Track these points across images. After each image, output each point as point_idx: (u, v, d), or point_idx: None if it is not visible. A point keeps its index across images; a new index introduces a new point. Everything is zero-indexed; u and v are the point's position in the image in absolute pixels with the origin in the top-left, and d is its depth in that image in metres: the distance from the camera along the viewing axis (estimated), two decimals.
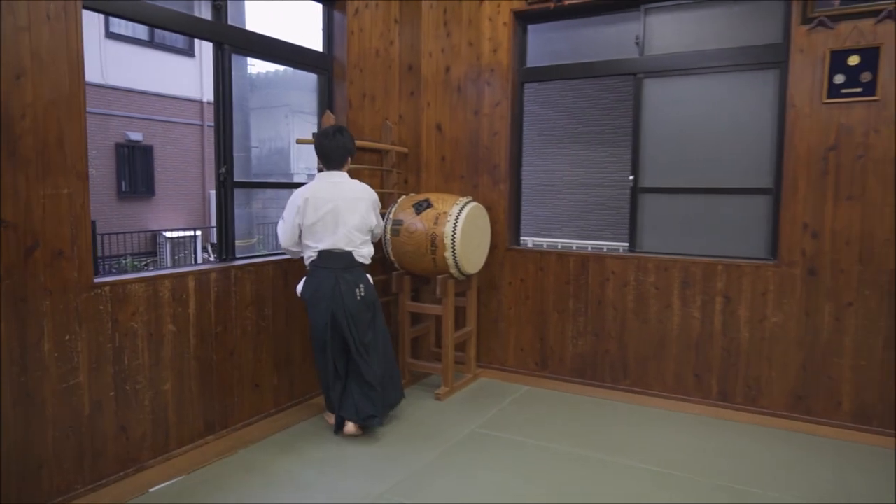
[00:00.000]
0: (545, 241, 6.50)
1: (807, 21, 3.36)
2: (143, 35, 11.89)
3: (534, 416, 3.68)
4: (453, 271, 3.89)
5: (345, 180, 3.32)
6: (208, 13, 3.32)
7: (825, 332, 3.46)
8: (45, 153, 2.43)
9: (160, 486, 2.77)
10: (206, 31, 3.26)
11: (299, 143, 3.68)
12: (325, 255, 3.23)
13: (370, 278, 3.40)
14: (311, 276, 3.29)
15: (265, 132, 12.99)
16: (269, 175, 12.98)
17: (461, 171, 4.52)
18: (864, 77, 3.24)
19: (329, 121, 3.80)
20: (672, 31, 3.91)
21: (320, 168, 3.41)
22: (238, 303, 3.32)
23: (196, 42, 12.49)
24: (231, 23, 3.37)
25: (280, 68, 13.19)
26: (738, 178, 3.77)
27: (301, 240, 3.29)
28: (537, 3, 4.11)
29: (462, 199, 3.94)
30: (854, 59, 3.26)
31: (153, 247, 12.00)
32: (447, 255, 3.79)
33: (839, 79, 3.29)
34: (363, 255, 3.33)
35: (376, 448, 3.22)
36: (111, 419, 2.72)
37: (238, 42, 3.41)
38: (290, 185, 3.64)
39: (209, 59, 3.08)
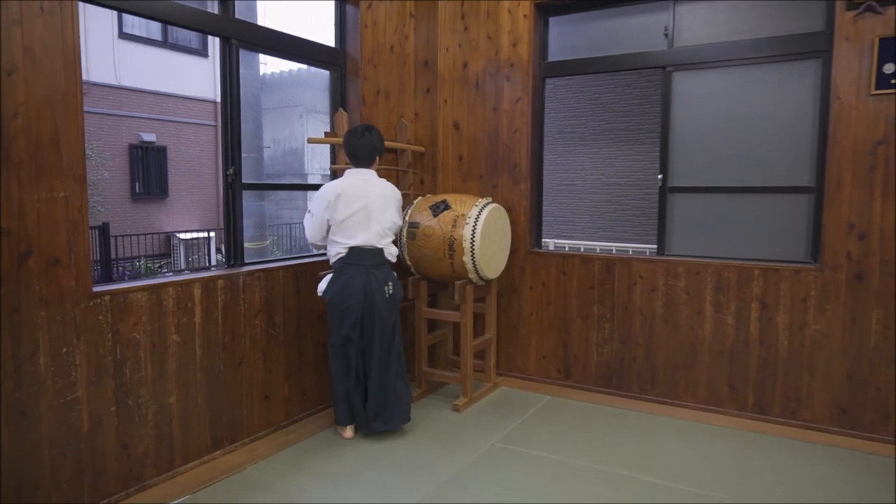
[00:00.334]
0: (567, 244, 6.29)
1: (853, 7, 3.12)
2: (156, 35, 11.83)
3: (557, 429, 3.48)
4: (472, 276, 3.70)
5: (374, 178, 3.29)
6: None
7: (872, 341, 3.23)
8: (39, 155, 2.28)
9: None
10: (212, 25, 3.10)
11: (311, 142, 3.52)
12: (356, 251, 3.17)
13: (396, 276, 3.38)
14: (338, 274, 3.20)
15: (279, 132, 12.91)
16: (282, 176, 12.89)
17: (479, 171, 4.32)
18: None
19: (341, 119, 3.63)
20: (703, 21, 3.69)
21: (327, 169, 3.25)
22: (247, 310, 3.17)
23: (210, 42, 12.42)
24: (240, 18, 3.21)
25: (294, 68, 13.09)
26: (776, 175, 3.55)
27: (329, 235, 3.23)
28: None
29: (481, 201, 3.75)
30: None
31: (167, 248, 11.95)
32: (466, 259, 3.61)
33: (889, 68, 3.05)
34: (392, 254, 3.31)
35: (391, 465, 3.05)
36: (112, 435, 2.57)
37: (246, 37, 3.25)
38: (302, 186, 3.49)
39: None
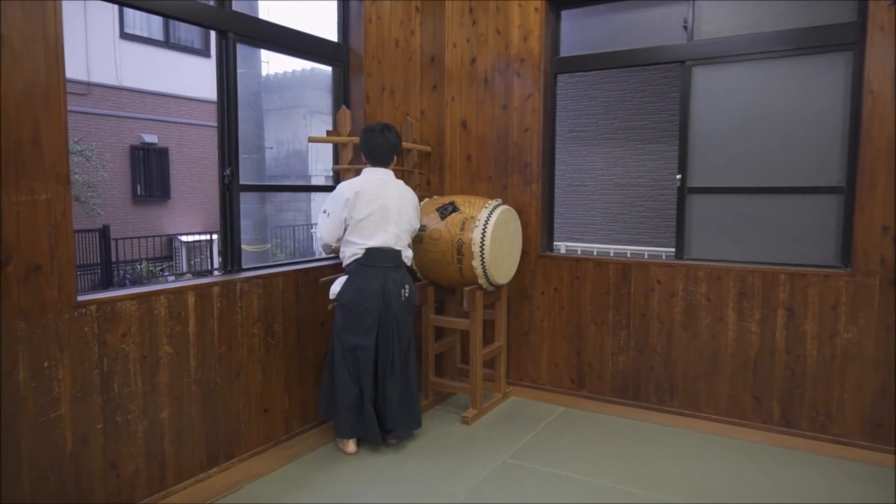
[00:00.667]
0: (579, 247, 6.08)
1: None
2: (158, 36, 11.70)
3: (572, 444, 3.30)
4: (482, 282, 3.52)
5: (391, 178, 3.19)
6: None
7: None
8: (18, 154, 2.12)
9: None
10: (208, 17, 2.94)
11: (311, 141, 3.35)
12: (373, 252, 3.03)
13: (412, 279, 3.28)
14: (354, 276, 3.05)
15: (283, 133, 12.76)
16: (285, 177, 12.74)
17: (488, 172, 4.15)
18: None
19: (344, 117, 3.46)
20: (725, 13, 3.50)
21: (331, 166, 3.08)
22: (244, 319, 2.99)
23: (212, 42, 12.28)
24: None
25: (297, 68, 12.95)
26: (802, 175, 3.36)
27: (344, 235, 3.09)
28: None
29: (491, 202, 3.57)
30: None
31: (169, 251, 11.80)
32: (475, 263, 3.43)
33: None
34: (408, 257, 3.21)
35: (398, 483, 2.87)
36: (99, 455, 2.40)
37: (243, 30, 3.08)
38: (303, 188, 3.32)
39: None
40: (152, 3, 2.67)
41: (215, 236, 12.05)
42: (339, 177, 3.54)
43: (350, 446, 3.14)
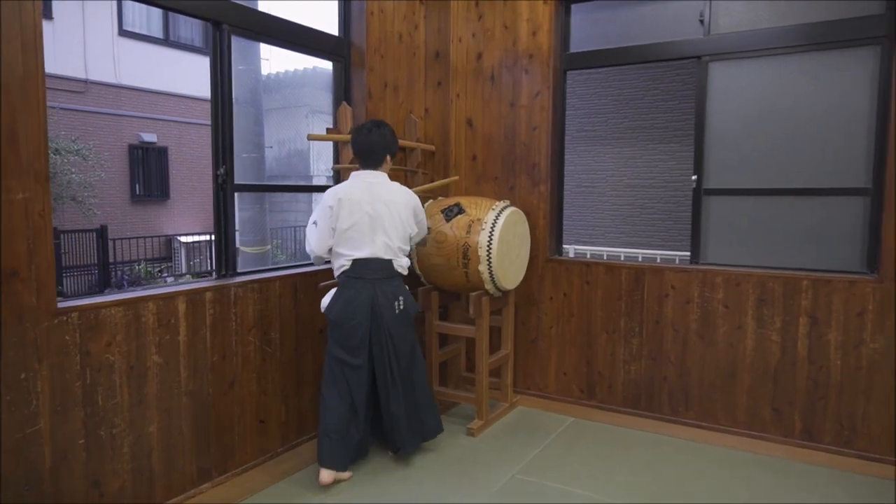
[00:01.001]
0: (588, 250, 5.92)
1: None
2: (157, 33, 11.56)
3: (584, 458, 3.14)
4: (489, 287, 3.36)
5: (382, 181, 2.92)
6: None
7: None
8: None
9: None
10: (201, 7, 2.78)
11: (311, 139, 3.19)
12: (360, 263, 2.81)
13: (409, 290, 3.04)
14: (342, 289, 2.84)
15: (284, 133, 12.61)
16: (286, 177, 12.59)
17: (495, 172, 3.99)
18: None
19: (345, 114, 3.30)
20: (743, 6, 3.34)
21: (334, 168, 2.92)
22: (239, 326, 2.84)
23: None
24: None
25: (298, 67, 12.80)
26: (826, 176, 3.19)
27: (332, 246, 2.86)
28: None
29: (498, 204, 3.41)
30: None
31: (168, 252, 11.66)
32: (482, 268, 3.27)
33: None
34: (402, 265, 2.95)
35: (401, 499, 2.71)
36: (80, 472, 2.25)
37: (239, 21, 2.93)
38: (303, 188, 3.16)
39: None
40: None
41: (213, 236, 11.91)
42: (339, 176, 3.39)
43: (324, 475, 2.75)
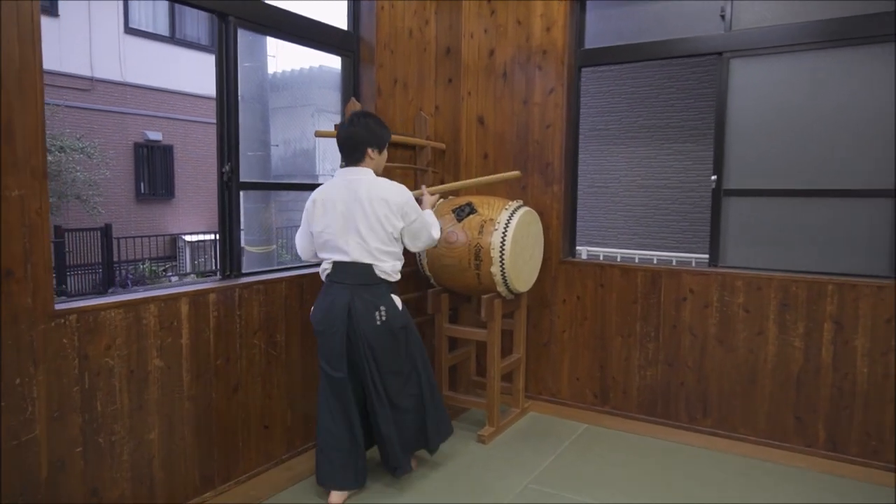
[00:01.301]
0: (601, 251, 5.81)
1: None
2: (163, 31, 11.49)
3: (599, 467, 3.03)
4: (501, 289, 3.26)
5: (363, 177, 2.62)
6: None
7: None
8: None
9: None
10: None
11: (318, 136, 3.09)
12: (339, 267, 2.61)
13: (397, 299, 2.71)
14: (323, 293, 2.67)
15: (290, 132, 12.52)
16: (292, 177, 12.50)
17: (507, 171, 3.88)
18: None
19: (354, 110, 3.20)
20: (767, 1, 3.23)
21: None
22: (243, 328, 2.74)
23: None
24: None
25: (304, 66, 12.71)
26: (853, 177, 3.08)
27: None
28: None
29: (511, 204, 3.31)
30: None
31: (173, 251, 11.60)
32: (494, 270, 3.17)
33: None
34: (385, 271, 2.63)
35: None
36: (78, 481, 2.16)
37: (245, 14, 2.83)
38: (308, 186, 3.07)
39: None
40: None
41: (218, 236, 11.85)
42: None
43: (332, 497, 2.64)
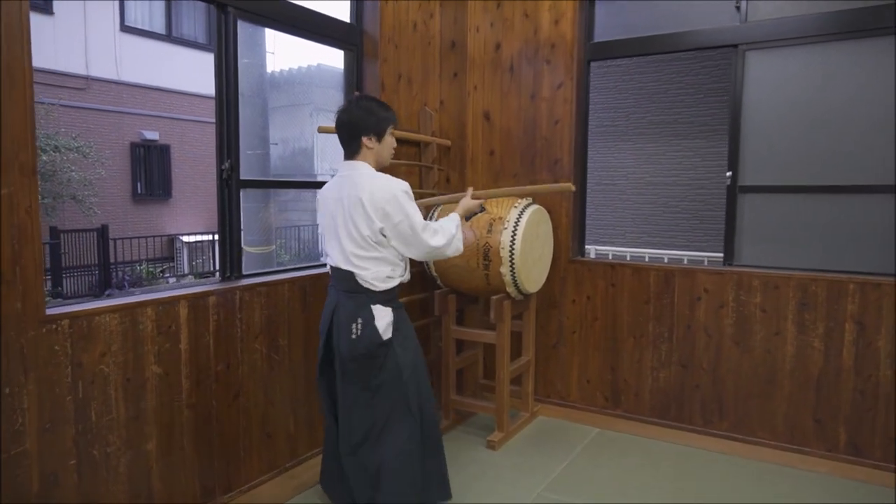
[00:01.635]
0: (609, 251, 5.69)
1: None
2: (160, 29, 11.36)
3: (613, 473, 2.93)
4: (510, 290, 3.15)
5: (354, 173, 2.31)
6: None
7: None
8: None
9: None
10: None
11: (321, 132, 2.98)
12: (333, 271, 2.40)
13: (383, 312, 2.29)
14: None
15: (289, 131, 12.41)
16: (291, 176, 12.37)
17: (514, 168, 3.78)
18: None
19: None
20: None
21: None
22: (245, 332, 2.64)
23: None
24: None
25: (303, 64, 12.59)
26: (876, 172, 2.97)
27: None
28: None
29: (520, 201, 3.21)
30: None
31: (170, 252, 11.47)
32: (504, 270, 3.06)
33: None
34: (367, 279, 2.27)
35: None
36: (71, 495, 2.05)
37: (245, 4, 2.72)
38: (310, 184, 2.96)
39: None
40: None
41: (217, 236, 11.72)
42: None
43: None
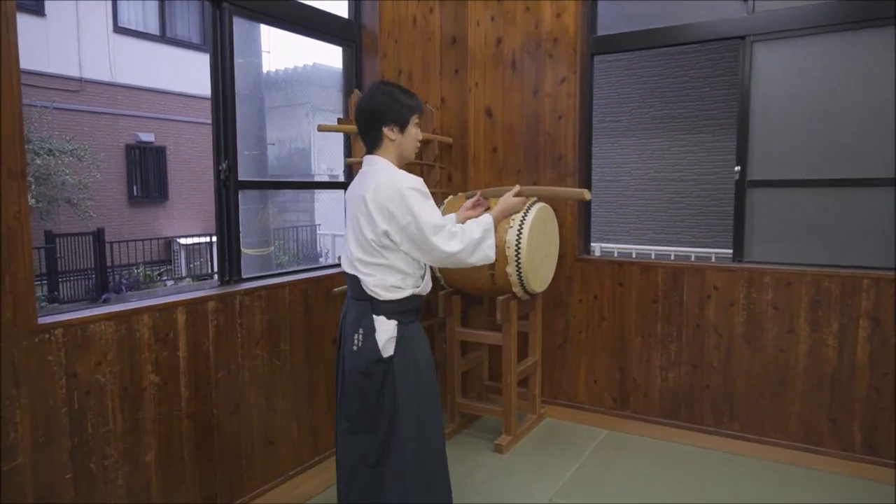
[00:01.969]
0: (614, 248, 5.57)
1: None
2: (154, 30, 11.26)
3: (625, 477, 2.86)
4: (517, 290, 3.08)
5: (370, 168, 2.08)
6: None
7: None
8: None
9: None
10: None
11: (321, 130, 2.91)
12: (344, 274, 2.18)
13: (387, 325, 2.01)
14: None
15: (285, 132, 12.32)
16: (288, 177, 12.29)
17: (517, 165, 3.70)
18: None
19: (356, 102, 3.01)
20: None
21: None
22: (245, 338, 2.56)
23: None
24: None
25: (298, 64, 12.50)
26: (888, 165, 2.91)
27: None
28: None
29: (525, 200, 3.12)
30: None
31: (167, 254, 11.37)
32: (510, 269, 2.99)
33: None
34: (370, 286, 2.02)
35: None
36: None
37: (241, 1, 2.64)
38: (308, 184, 2.88)
39: None
40: None
41: (215, 238, 11.63)
42: (351, 171, 3.10)
43: None
